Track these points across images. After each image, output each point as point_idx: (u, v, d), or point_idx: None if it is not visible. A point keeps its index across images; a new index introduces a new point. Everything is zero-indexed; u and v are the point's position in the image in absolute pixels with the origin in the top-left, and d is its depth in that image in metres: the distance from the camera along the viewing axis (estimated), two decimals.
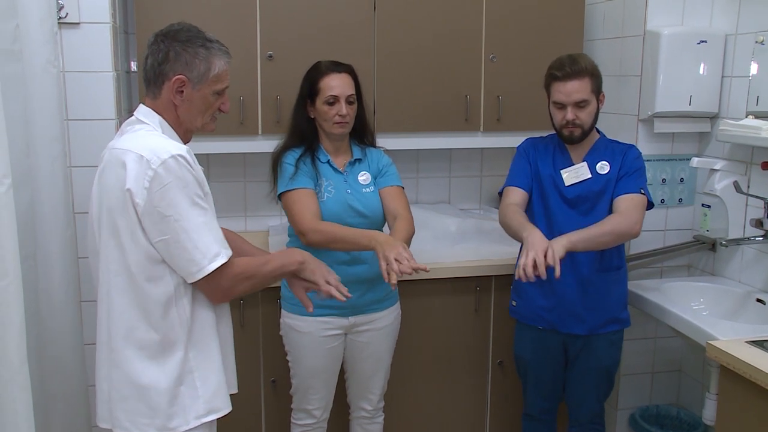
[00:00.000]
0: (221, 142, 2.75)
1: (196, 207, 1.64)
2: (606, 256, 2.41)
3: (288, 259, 1.86)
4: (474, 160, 3.38)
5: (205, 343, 1.74)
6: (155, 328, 1.68)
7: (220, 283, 1.69)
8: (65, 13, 2.38)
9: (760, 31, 2.59)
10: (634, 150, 2.44)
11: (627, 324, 2.51)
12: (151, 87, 1.74)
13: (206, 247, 1.64)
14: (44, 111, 2.18)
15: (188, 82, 1.71)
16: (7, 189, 1.68)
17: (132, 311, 1.67)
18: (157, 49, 1.71)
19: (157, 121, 1.73)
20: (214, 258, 1.65)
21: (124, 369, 1.69)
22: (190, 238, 1.62)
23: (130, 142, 1.66)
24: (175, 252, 1.63)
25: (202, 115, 1.77)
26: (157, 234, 1.62)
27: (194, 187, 1.64)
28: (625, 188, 2.36)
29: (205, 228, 1.64)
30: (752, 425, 1.93)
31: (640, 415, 2.95)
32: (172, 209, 1.61)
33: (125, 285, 1.67)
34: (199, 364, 1.73)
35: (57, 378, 2.25)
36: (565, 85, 2.30)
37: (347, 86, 2.36)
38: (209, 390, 1.74)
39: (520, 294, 2.54)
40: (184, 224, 1.62)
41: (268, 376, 2.73)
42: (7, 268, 1.68)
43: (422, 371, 2.86)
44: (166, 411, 1.69)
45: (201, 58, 1.71)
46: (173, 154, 1.61)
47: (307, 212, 2.27)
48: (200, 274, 1.65)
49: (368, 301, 2.40)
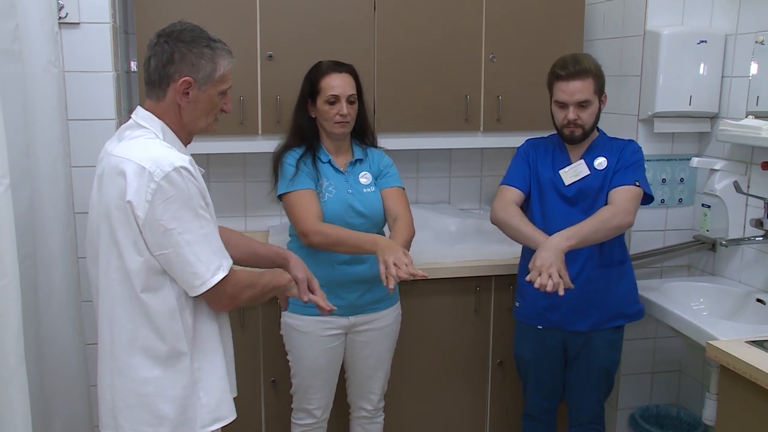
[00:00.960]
0: (221, 142, 2.76)
1: (199, 218, 1.62)
2: (606, 251, 2.40)
3: (278, 277, 1.87)
4: (474, 160, 3.38)
5: (209, 352, 1.74)
6: (158, 337, 1.66)
7: (226, 291, 1.68)
8: (65, 13, 2.37)
9: (760, 31, 2.59)
10: (633, 144, 2.44)
11: (635, 318, 2.50)
12: (155, 89, 1.70)
13: (208, 259, 1.63)
14: (44, 111, 2.18)
15: (194, 84, 1.67)
16: (6, 189, 1.68)
17: (134, 320, 1.66)
18: (161, 50, 1.67)
19: (158, 126, 1.69)
20: (216, 270, 1.64)
21: (129, 377, 1.68)
22: (193, 251, 1.61)
23: (130, 151, 1.63)
24: (178, 266, 1.62)
25: (207, 116, 1.74)
26: (159, 247, 1.61)
27: (197, 198, 1.63)
28: (620, 180, 2.35)
29: (206, 240, 1.63)
30: (752, 425, 1.92)
31: (640, 415, 2.95)
32: (176, 222, 1.59)
33: (127, 294, 1.65)
34: (204, 374, 1.72)
35: (57, 378, 2.25)
36: (567, 85, 2.30)
37: (348, 86, 2.36)
38: (214, 399, 1.73)
39: (524, 296, 2.54)
40: (187, 237, 1.60)
41: (268, 376, 2.73)
42: (6, 268, 1.68)
43: (422, 371, 2.86)
44: (172, 420, 1.68)
45: (207, 58, 1.68)
46: (176, 167, 1.58)
47: (308, 214, 2.27)
48: (203, 288, 1.64)
49: (368, 300, 2.40)
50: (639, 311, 2.51)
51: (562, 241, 2.19)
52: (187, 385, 1.69)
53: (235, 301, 1.74)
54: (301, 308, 2.38)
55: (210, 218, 1.67)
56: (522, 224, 2.36)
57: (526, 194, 2.47)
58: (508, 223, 2.39)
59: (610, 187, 2.37)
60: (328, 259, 2.34)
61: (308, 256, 2.35)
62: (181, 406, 1.68)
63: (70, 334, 2.29)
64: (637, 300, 2.52)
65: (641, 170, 2.40)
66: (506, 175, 2.52)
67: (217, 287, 1.65)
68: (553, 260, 2.13)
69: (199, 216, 1.62)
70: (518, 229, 2.36)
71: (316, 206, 2.30)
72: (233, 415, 1.79)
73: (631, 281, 2.51)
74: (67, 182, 2.30)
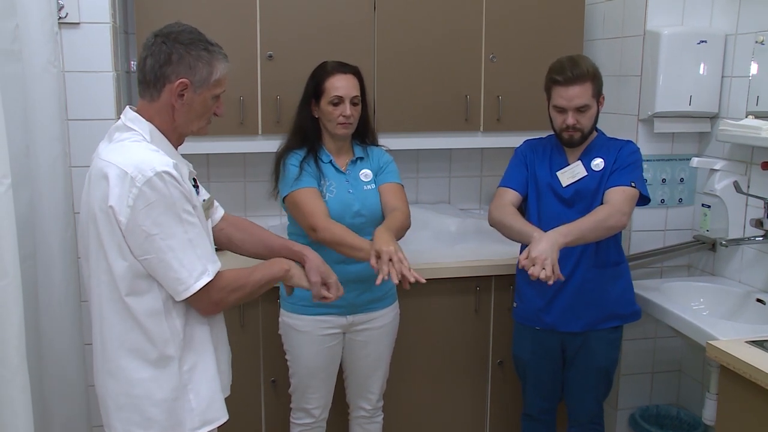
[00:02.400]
0: (221, 142, 2.75)
1: (183, 223, 1.60)
2: (602, 251, 2.40)
3: (274, 268, 1.84)
4: (474, 160, 3.38)
5: (200, 354, 1.73)
6: (147, 340, 1.66)
7: (210, 297, 1.67)
8: (65, 13, 2.38)
9: (760, 31, 2.59)
10: (631, 145, 2.43)
11: (630, 320, 2.50)
12: (150, 89, 1.67)
13: (191, 265, 1.61)
14: (44, 111, 2.18)
15: (190, 86, 1.66)
16: (7, 189, 1.68)
17: (123, 322, 1.65)
18: (158, 50, 1.65)
19: (146, 128, 1.67)
20: (200, 276, 1.62)
21: (119, 379, 1.68)
22: (176, 256, 1.59)
23: (114, 154, 1.62)
24: (161, 271, 1.61)
25: (199, 119, 1.73)
26: (142, 252, 1.59)
27: (182, 202, 1.60)
28: (616, 181, 2.35)
29: (190, 245, 1.61)
30: (752, 425, 1.92)
31: (640, 415, 2.95)
32: (157, 228, 1.57)
33: (114, 295, 1.64)
34: (194, 376, 1.71)
35: (57, 378, 2.25)
36: (566, 90, 2.29)
37: (352, 87, 2.36)
38: (203, 402, 1.73)
39: (521, 297, 2.54)
40: (170, 243, 1.58)
41: (268, 376, 2.73)
42: (6, 267, 1.68)
43: (422, 371, 2.86)
44: (161, 422, 1.68)
45: (204, 61, 1.66)
46: (158, 171, 1.56)
47: (319, 210, 2.27)
48: (187, 293, 1.62)
49: (366, 300, 2.40)
50: (635, 312, 2.51)
51: (559, 237, 2.19)
52: (176, 387, 1.69)
53: (222, 304, 1.72)
54: (300, 308, 2.38)
55: (196, 222, 1.64)
56: (516, 221, 2.37)
57: (523, 196, 2.47)
58: (503, 222, 2.40)
59: (606, 186, 2.36)
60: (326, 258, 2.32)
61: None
62: (170, 409, 1.68)
63: (69, 334, 2.30)
64: (633, 301, 2.51)
65: (638, 171, 2.39)
66: (504, 177, 2.52)
67: (201, 293, 1.63)
68: (549, 253, 2.14)
69: (183, 221, 1.60)
70: (512, 227, 2.36)
71: (323, 203, 2.30)
72: (224, 418, 1.78)
73: (627, 282, 2.50)
74: (66, 182, 2.30)
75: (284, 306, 2.43)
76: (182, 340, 1.69)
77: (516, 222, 2.37)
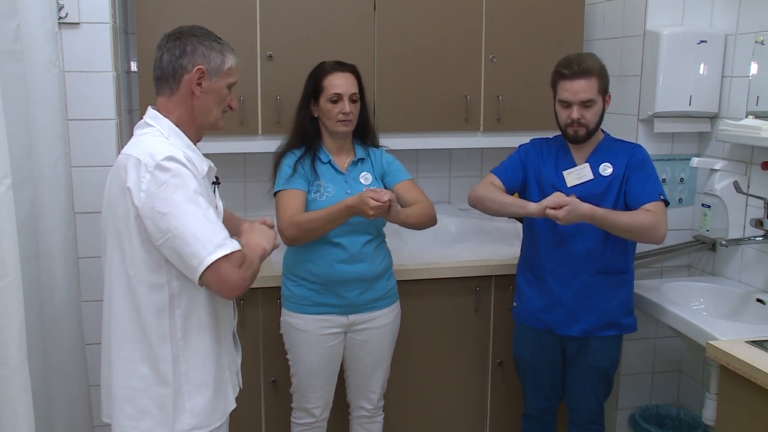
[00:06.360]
0: (221, 142, 2.75)
1: (195, 201, 1.63)
2: (608, 257, 2.39)
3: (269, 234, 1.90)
4: (474, 160, 3.38)
5: (200, 359, 1.75)
6: (149, 335, 1.69)
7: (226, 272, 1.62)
8: (65, 13, 2.37)
9: (760, 31, 2.59)
10: (640, 151, 2.42)
11: (628, 330, 2.48)
12: (169, 83, 1.75)
13: (206, 237, 1.61)
14: (45, 111, 2.18)
15: (206, 73, 1.75)
16: (7, 189, 1.68)
17: (129, 314, 1.70)
18: (173, 46, 1.75)
19: (165, 125, 1.75)
20: (215, 249, 1.61)
21: (119, 370, 1.73)
22: (190, 231, 1.61)
23: (133, 147, 1.70)
24: (178, 248, 1.61)
25: (217, 107, 1.81)
26: (160, 235, 1.62)
27: (192, 182, 1.65)
28: (647, 196, 2.33)
29: (205, 220, 1.63)
30: (752, 425, 1.93)
31: (640, 415, 2.95)
32: (170, 206, 1.61)
33: (124, 288, 1.69)
34: (190, 378, 1.74)
35: (58, 378, 2.25)
36: (572, 84, 2.29)
37: (351, 85, 2.37)
38: (197, 405, 1.75)
39: (521, 296, 2.54)
40: (182, 219, 1.61)
41: (268, 376, 2.73)
42: (7, 268, 1.68)
43: (422, 371, 2.86)
44: (154, 416, 1.72)
45: (216, 51, 1.77)
46: (167, 155, 1.64)
47: (287, 211, 2.30)
48: (201, 266, 1.60)
49: (367, 299, 2.40)
50: (632, 324, 2.49)
51: (588, 208, 2.21)
52: (172, 387, 1.71)
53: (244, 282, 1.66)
54: (301, 307, 2.38)
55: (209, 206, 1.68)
56: (501, 195, 2.38)
57: (507, 191, 2.46)
58: (488, 197, 2.40)
59: (632, 200, 2.34)
60: (327, 258, 2.34)
61: (306, 255, 2.37)
62: (162, 405, 1.71)
63: (70, 334, 2.29)
64: (631, 312, 2.50)
65: (659, 180, 2.40)
66: (498, 167, 2.52)
67: (219, 267, 1.61)
68: (572, 208, 2.17)
69: (194, 199, 1.63)
70: (496, 199, 2.38)
71: (297, 206, 2.31)
72: (215, 425, 1.79)
73: (629, 292, 2.48)
74: (67, 182, 2.30)
75: (286, 305, 2.43)
76: (180, 339, 1.72)
77: (501, 196, 2.38)
